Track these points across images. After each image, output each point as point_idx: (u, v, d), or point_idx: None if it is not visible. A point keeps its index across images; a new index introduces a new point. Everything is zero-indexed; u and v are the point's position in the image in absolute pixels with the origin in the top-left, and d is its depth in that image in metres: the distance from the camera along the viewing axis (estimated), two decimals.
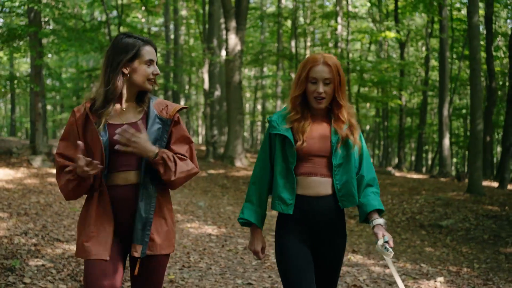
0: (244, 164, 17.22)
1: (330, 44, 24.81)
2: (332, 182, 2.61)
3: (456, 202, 10.42)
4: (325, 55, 2.67)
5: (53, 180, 11.04)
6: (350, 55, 29.79)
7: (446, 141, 19.58)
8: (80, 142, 2.35)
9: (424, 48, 29.76)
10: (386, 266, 6.04)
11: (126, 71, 2.46)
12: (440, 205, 10.21)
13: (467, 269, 6.37)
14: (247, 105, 40.99)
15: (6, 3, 13.52)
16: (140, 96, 2.56)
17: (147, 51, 2.48)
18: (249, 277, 5.32)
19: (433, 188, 13.56)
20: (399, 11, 22.86)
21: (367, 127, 36.39)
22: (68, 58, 31.41)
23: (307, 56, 24.88)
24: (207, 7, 21.20)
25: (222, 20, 19.66)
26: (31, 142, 15.90)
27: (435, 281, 5.44)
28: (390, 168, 21.26)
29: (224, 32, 18.54)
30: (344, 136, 2.63)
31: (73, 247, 5.83)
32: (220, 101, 20.48)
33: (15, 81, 18.27)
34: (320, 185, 2.60)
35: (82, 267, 5.05)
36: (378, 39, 25.35)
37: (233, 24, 16.39)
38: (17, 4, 13.51)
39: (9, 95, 40.39)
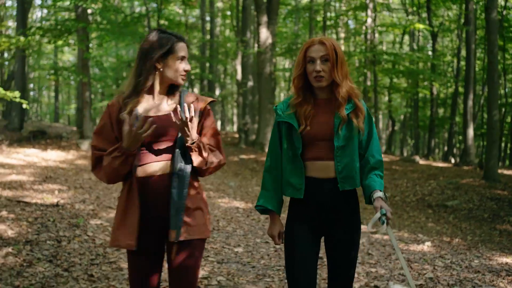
0: None
1: (359, 37, 25.43)
2: (334, 164, 2.64)
3: (465, 186, 11.29)
4: (322, 36, 2.72)
5: None
6: (380, 46, 30.46)
7: (470, 131, 20.18)
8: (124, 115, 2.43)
9: (456, 39, 30.06)
10: (384, 233, 7.06)
11: (159, 66, 2.53)
12: (450, 188, 11.11)
13: (459, 240, 7.33)
14: (281, 95, 41.97)
15: (58, 2, 14.88)
16: (171, 90, 2.63)
17: (180, 48, 2.55)
18: (267, 238, 6.43)
19: (452, 175, 14.36)
20: (433, 1, 23.36)
21: (401, 117, 36.76)
22: (110, 48, 32.97)
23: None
24: (241, 1, 22.22)
25: (255, 13, 20.67)
26: (79, 128, 17.39)
27: (423, 245, 6.44)
28: (415, 157, 21.97)
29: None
30: (345, 117, 2.63)
31: None
32: (253, 91, 21.54)
33: (63, 72, 19.81)
34: (326, 168, 2.63)
35: None
36: (408, 30, 25.86)
37: (264, 18, 17.39)
38: (68, 2, 14.84)
39: (53, 84, 42.44)
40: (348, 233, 2.65)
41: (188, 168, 2.48)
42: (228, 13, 31.05)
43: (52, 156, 13.04)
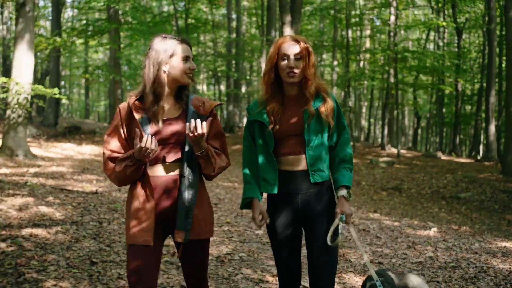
0: None
1: (383, 35, 25.74)
2: (306, 157, 2.73)
3: (481, 180, 11.72)
4: (294, 35, 2.82)
5: None
6: (405, 43, 30.65)
7: (492, 127, 20.43)
8: (137, 130, 2.53)
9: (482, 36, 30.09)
10: (395, 220, 7.61)
11: (165, 69, 2.62)
12: (465, 181, 11.55)
13: (466, 228, 7.82)
14: None
15: (93, 3, 15.72)
16: (178, 93, 2.71)
17: (183, 49, 2.63)
18: None
19: (471, 169, 14.74)
20: None
21: (428, 115, 36.84)
22: (139, 46, 33.88)
23: (361, 45, 25.89)
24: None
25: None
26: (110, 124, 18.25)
27: (430, 230, 6.97)
28: (438, 153, 22.28)
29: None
30: (313, 112, 2.72)
31: None
32: None
33: (95, 70, 20.74)
34: (298, 161, 2.73)
35: None
36: (432, 27, 26.08)
37: (288, 18, 17.94)
38: (101, 3, 15.67)
39: (83, 81, 43.68)
40: (325, 224, 2.70)
41: (196, 172, 2.60)
42: (255, 10, 31.67)
43: (87, 150, 13.89)
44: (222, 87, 31.62)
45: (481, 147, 29.51)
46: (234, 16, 29.94)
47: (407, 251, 5.73)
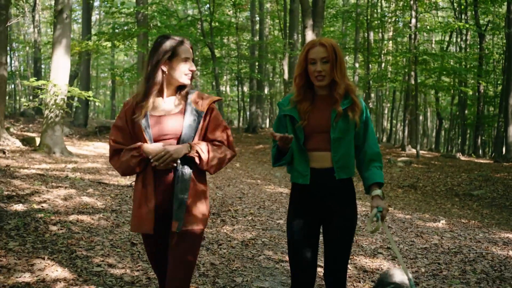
0: None
1: (405, 37, 26.07)
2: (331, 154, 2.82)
3: (495, 179, 12.14)
4: (322, 38, 2.89)
5: None
6: (428, 46, 30.89)
7: (511, 129, 20.69)
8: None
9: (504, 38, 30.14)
10: (407, 214, 8.14)
11: (165, 69, 2.71)
12: (479, 180, 11.99)
13: (475, 222, 8.30)
14: None
15: (123, 10, 16.50)
16: (179, 90, 2.82)
17: (183, 50, 2.72)
18: None
19: (488, 169, 15.10)
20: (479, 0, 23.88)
21: (450, 116, 36.88)
22: None
23: (383, 47, 26.22)
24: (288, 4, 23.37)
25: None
26: None
27: (439, 222, 7.49)
28: (458, 153, 22.57)
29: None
30: (340, 112, 2.80)
31: None
32: None
33: (122, 72, 21.55)
34: (323, 158, 2.83)
35: (213, 201, 7.63)
36: (453, 30, 26.34)
37: (310, 22, 18.50)
38: (132, 9, 16.44)
39: (109, 82, 44.78)
40: (345, 220, 2.82)
41: (190, 166, 2.71)
42: (277, 13, 32.23)
43: None
44: (245, 89, 32.26)
45: (504, 148, 29.50)
46: (257, 18, 30.56)
47: (414, 239, 6.28)
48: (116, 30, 18.15)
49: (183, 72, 2.73)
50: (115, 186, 8.21)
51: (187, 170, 2.69)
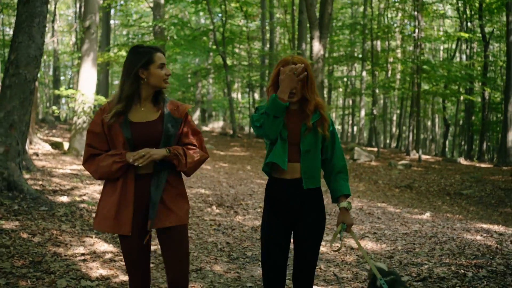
0: None
1: (408, 47, 27.12)
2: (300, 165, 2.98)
3: (486, 180, 13.17)
4: (294, 56, 3.00)
5: None
6: (434, 53, 31.86)
7: (510, 134, 21.69)
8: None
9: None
10: (398, 208, 9.22)
11: (143, 76, 2.83)
12: (471, 181, 13.04)
13: (459, 216, 9.35)
14: (339, 99, 43.90)
15: (142, 24, 17.74)
16: (156, 97, 2.94)
17: (158, 57, 2.85)
18: None
19: (484, 173, 16.06)
20: (484, 9, 24.86)
21: (459, 122, 37.66)
22: (179, 58, 35.82)
23: (388, 56, 27.23)
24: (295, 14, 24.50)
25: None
26: None
27: (423, 215, 8.57)
28: (459, 158, 23.50)
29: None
30: (310, 126, 2.96)
31: (201, 191, 9.55)
32: None
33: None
34: (293, 169, 2.98)
35: (227, 197, 8.79)
36: (454, 39, 27.34)
37: (317, 33, 19.65)
38: (150, 23, 17.67)
39: None
40: (313, 227, 2.99)
41: (166, 169, 2.87)
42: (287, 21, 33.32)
43: None
44: (256, 96, 33.29)
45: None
46: (267, 28, 31.60)
47: (398, 227, 7.38)
48: (134, 41, 19.39)
49: (161, 77, 2.85)
50: None
51: (163, 174, 2.86)
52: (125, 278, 4.50)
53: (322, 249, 5.91)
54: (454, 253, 5.74)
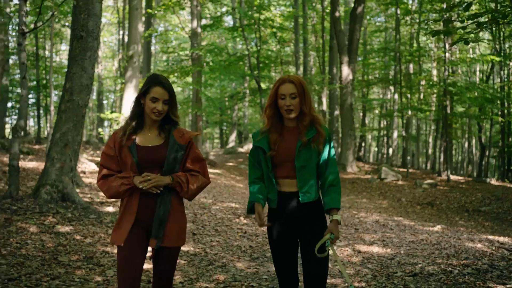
0: (354, 170, 21.10)
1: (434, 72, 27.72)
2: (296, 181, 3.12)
3: (506, 198, 13.69)
4: (291, 75, 3.17)
5: (212, 175, 16.01)
6: (468, 75, 32.24)
7: None
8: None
9: None
10: (412, 221, 9.92)
11: (142, 102, 3.09)
12: (491, 199, 13.60)
13: (472, 229, 9.97)
14: (374, 121, 44.39)
15: (180, 52, 19.02)
16: (162, 125, 3.15)
17: (154, 91, 3.03)
18: None
19: (510, 192, 16.40)
20: None
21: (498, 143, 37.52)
22: (215, 82, 36.99)
23: (420, 79, 27.82)
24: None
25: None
26: None
27: (435, 227, 9.25)
28: (489, 178, 23.67)
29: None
30: (305, 141, 3.10)
31: (232, 204, 10.48)
32: (339, 118, 24.60)
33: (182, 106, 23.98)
34: (290, 184, 3.14)
35: (240, 210, 9.71)
36: (479, 62, 27.76)
37: (346, 58, 20.54)
38: (188, 51, 18.91)
39: None
40: (316, 236, 3.09)
41: (170, 192, 3.05)
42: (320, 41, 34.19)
43: None
44: None
45: None
46: (301, 52, 32.51)
47: (407, 236, 8.13)
48: (172, 66, 20.56)
49: (150, 109, 3.05)
50: None
51: (168, 196, 3.04)
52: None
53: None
54: (449, 256, 6.47)
